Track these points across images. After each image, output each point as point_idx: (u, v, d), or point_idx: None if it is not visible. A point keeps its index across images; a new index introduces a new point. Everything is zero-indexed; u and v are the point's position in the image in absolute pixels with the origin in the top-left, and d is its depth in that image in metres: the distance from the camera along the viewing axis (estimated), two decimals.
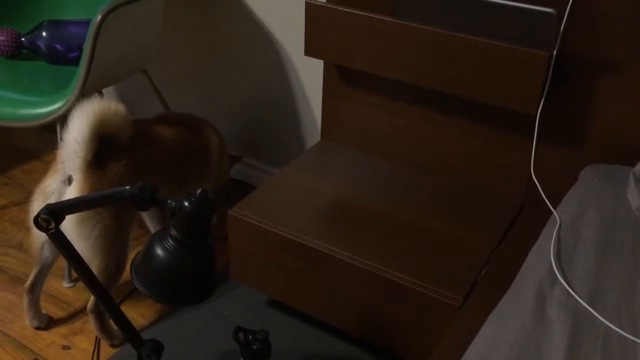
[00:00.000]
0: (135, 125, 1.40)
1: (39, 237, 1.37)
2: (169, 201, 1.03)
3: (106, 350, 1.42)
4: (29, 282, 1.44)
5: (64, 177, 1.31)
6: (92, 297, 1.39)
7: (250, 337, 1.10)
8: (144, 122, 1.53)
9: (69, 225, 1.30)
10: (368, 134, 1.60)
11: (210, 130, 1.67)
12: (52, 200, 1.32)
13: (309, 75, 1.76)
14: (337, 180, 1.51)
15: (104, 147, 1.30)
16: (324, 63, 1.59)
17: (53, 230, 1.08)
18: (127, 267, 1.32)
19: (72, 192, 1.29)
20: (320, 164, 1.59)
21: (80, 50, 1.68)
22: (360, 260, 1.26)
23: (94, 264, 1.36)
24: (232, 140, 2.03)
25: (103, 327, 1.41)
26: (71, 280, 1.61)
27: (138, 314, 1.52)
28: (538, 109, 1.27)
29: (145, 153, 1.41)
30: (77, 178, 1.29)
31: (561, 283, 0.92)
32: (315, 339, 1.47)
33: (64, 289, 1.60)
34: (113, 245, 1.35)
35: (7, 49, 1.68)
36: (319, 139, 1.74)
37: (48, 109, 1.45)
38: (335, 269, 1.29)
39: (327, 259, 1.29)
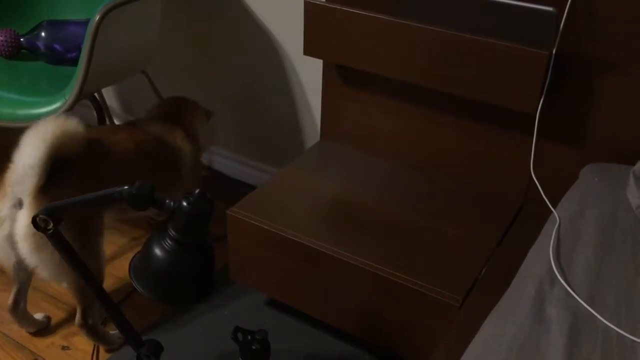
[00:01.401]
0: (92, 137, 1.33)
1: (8, 258, 1.32)
2: (167, 201, 1.03)
3: (109, 350, 1.42)
4: (10, 301, 1.40)
5: (14, 202, 1.25)
6: (78, 312, 1.36)
7: (249, 337, 1.10)
8: (103, 132, 1.45)
9: (29, 254, 1.26)
10: (367, 133, 1.60)
11: (185, 138, 1.58)
12: (5, 228, 1.26)
13: (308, 75, 1.76)
14: (336, 180, 1.51)
15: (57, 166, 1.23)
16: (323, 62, 1.58)
17: (52, 231, 1.08)
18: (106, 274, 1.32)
19: (23, 217, 1.23)
20: (320, 164, 1.59)
21: (79, 50, 1.67)
22: (360, 260, 1.26)
23: (67, 285, 1.34)
24: (231, 140, 2.03)
25: (97, 336, 1.40)
26: None
27: (137, 314, 1.52)
28: (538, 108, 1.27)
29: (101, 167, 1.34)
30: (28, 202, 1.23)
31: (560, 282, 0.92)
32: (314, 338, 1.46)
33: (63, 289, 1.59)
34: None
35: (6, 49, 1.68)
36: (318, 138, 1.73)
37: (47, 109, 1.45)
38: (334, 269, 1.29)
39: (326, 258, 1.29)
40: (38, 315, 1.48)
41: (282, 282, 1.40)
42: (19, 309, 1.42)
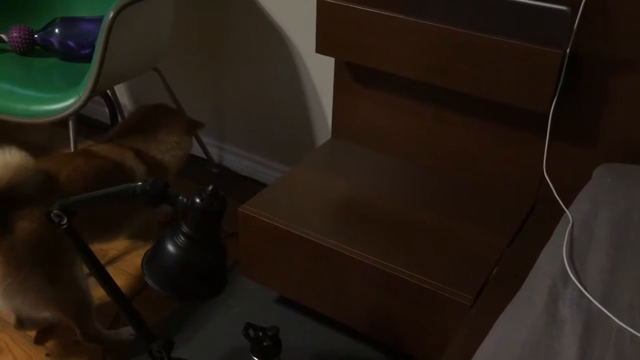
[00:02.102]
0: (43, 169, 1.27)
1: None
2: (180, 197, 1.04)
3: (117, 346, 1.43)
4: (14, 321, 1.40)
5: None
6: (77, 331, 1.35)
7: (261, 333, 1.11)
8: (55, 162, 1.37)
9: (1, 303, 1.22)
10: (379, 131, 1.60)
11: (138, 159, 1.48)
12: None
13: (320, 73, 1.76)
14: (347, 178, 1.51)
15: (8, 205, 1.17)
16: (335, 60, 1.58)
17: (65, 226, 1.08)
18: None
19: None
20: (331, 162, 1.59)
21: (93, 47, 1.68)
22: (371, 258, 1.26)
23: (51, 316, 1.34)
24: (242, 137, 2.03)
25: (106, 341, 1.40)
26: None
27: (148, 310, 1.52)
28: (551, 108, 1.26)
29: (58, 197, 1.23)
30: None
31: (574, 282, 0.92)
32: (324, 336, 1.47)
33: None
34: (55, 298, 1.27)
35: (21, 45, 1.69)
36: (329, 136, 1.74)
37: (61, 105, 1.46)
38: (345, 267, 1.29)
39: (337, 256, 1.29)
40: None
41: (292, 279, 1.40)
42: (24, 326, 1.42)
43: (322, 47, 1.49)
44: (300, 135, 1.89)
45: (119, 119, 2.19)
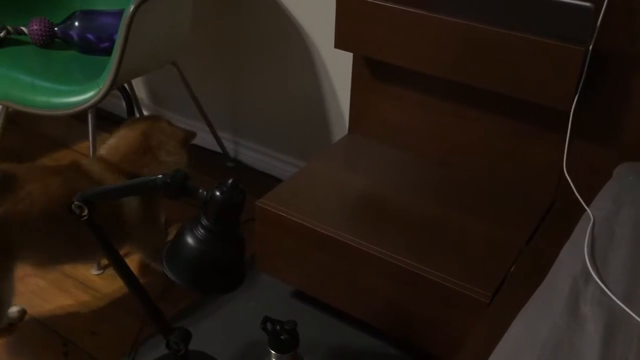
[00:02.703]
0: (13, 171, 1.22)
1: None
2: (200, 190, 1.04)
3: (137, 336, 1.44)
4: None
5: None
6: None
7: (278, 327, 1.11)
8: (29, 170, 1.30)
9: None
10: (396, 127, 1.59)
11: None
12: None
13: (337, 68, 1.76)
14: (364, 173, 1.51)
15: None
16: (353, 56, 1.58)
17: (86, 217, 1.09)
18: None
19: None
20: (348, 157, 1.59)
21: (111, 40, 1.69)
22: (388, 253, 1.26)
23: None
24: (258, 132, 2.04)
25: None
26: (100, 267, 1.63)
27: (166, 302, 1.53)
28: (572, 105, 1.25)
29: (10, 211, 1.21)
30: None
31: (595, 281, 0.91)
32: (340, 331, 1.47)
33: (92, 276, 1.62)
34: None
35: (41, 38, 1.70)
36: (345, 132, 1.73)
37: (81, 97, 1.47)
38: (362, 262, 1.29)
39: (354, 251, 1.29)
40: (12, 309, 1.45)
41: (309, 274, 1.41)
42: (12, 329, 1.42)
43: (341, 42, 1.49)
44: (316, 130, 1.89)
45: (136, 113, 2.20)
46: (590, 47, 1.21)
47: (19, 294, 1.54)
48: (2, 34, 1.66)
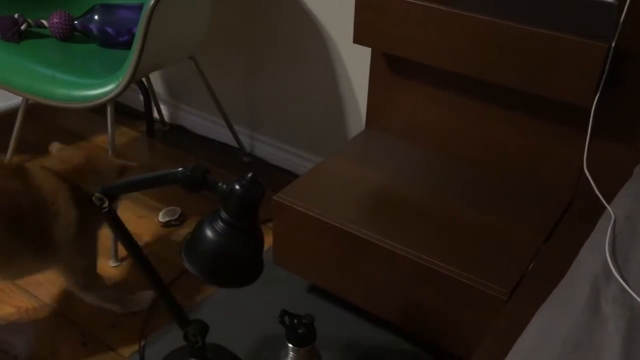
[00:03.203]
0: None
1: None
2: (219, 184, 1.05)
3: (154, 328, 1.46)
4: None
5: None
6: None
7: (296, 321, 1.11)
8: None
9: None
10: (414, 124, 1.59)
11: (72, 199, 1.25)
12: None
13: (355, 63, 1.76)
14: (382, 169, 1.51)
15: None
16: (372, 51, 1.58)
17: (107, 209, 1.10)
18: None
19: None
20: (365, 153, 1.59)
21: (131, 34, 1.70)
22: (405, 249, 1.26)
23: None
24: (274, 127, 2.04)
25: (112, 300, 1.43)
26: (117, 259, 1.64)
27: (182, 295, 1.55)
28: (593, 102, 1.24)
29: None
30: None
31: (617, 279, 0.90)
32: (356, 326, 1.47)
33: (110, 268, 1.63)
34: None
35: (61, 31, 1.71)
36: (362, 128, 1.73)
37: (101, 90, 1.48)
38: (379, 258, 1.29)
39: (371, 247, 1.29)
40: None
41: (325, 269, 1.41)
42: None
43: (360, 37, 1.48)
44: (332, 125, 1.89)
45: (153, 107, 2.22)
46: (613, 43, 1.20)
47: (37, 284, 1.56)
48: (22, 27, 1.68)
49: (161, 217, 1.79)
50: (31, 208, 1.21)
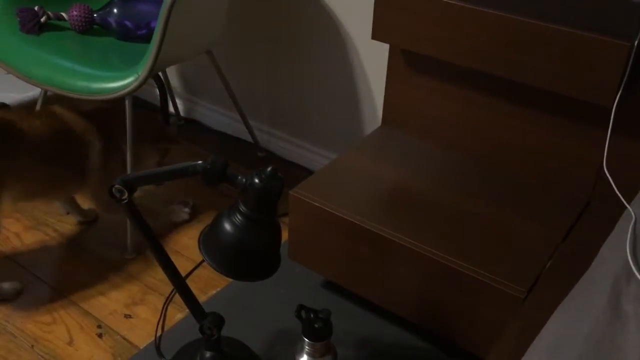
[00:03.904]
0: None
1: None
2: (239, 177, 1.05)
3: (170, 320, 1.46)
4: None
5: None
6: None
7: (312, 315, 1.11)
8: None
9: None
10: (431, 120, 1.58)
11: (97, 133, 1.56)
12: None
13: (372, 59, 1.75)
14: (398, 166, 1.51)
15: None
16: (390, 47, 1.57)
17: (126, 201, 1.11)
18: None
19: None
20: (381, 149, 1.58)
21: (149, 28, 1.71)
22: (421, 246, 1.26)
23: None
24: (290, 123, 2.04)
25: None
26: (133, 251, 1.65)
27: (198, 288, 1.55)
28: (615, 102, 1.23)
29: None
30: None
31: (638, 279, 0.90)
32: (370, 322, 1.47)
33: (126, 259, 1.64)
34: None
35: (80, 24, 1.72)
36: (377, 124, 1.73)
37: (120, 83, 1.48)
38: (394, 254, 1.29)
39: (387, 243, 1.29)
40: (7, 284, 1.52)
41: (340, 264, 1.41)
42: None
43: (378, 33, 1.48)
44: (348, 122, 1.89)
45: (169, 101, 2.22)
46: (636, 42, 1.19)
47: (54, 277, 1.58)
48: (42, 20, 1.69)
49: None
50: (67, 142, 1.51)
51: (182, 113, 2.30)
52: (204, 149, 2.13)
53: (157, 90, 2.19)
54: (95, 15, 1.73)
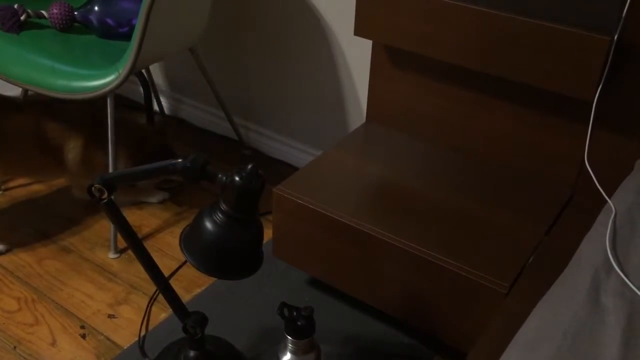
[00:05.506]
0: None
1: None
2: (219, 175, 1.04)
3: (153, 320, 1.46)
4: None
5: None
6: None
7: (295, 313, 1.11)
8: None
9: None
10: (415, 116, 1.58)
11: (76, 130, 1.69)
12: None
13: (356, 56, 1.75)
14: (382, 162, 1.51)
15: None
16: (373, 43, 1.57)
17: (106, 200, 1.10)
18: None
19: None
20: (366, 146, 1.58)
21: (130, 25, 1.70)
22: (405, 242, 1.26)
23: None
24: (274, 119, 2.03)
25: None
26: (117, 251, 1.64)
27: (182, 287, 1.55)
28: (595, 96, 1.24)
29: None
30: None
31: (617, 272, 0.90)
32: (355, 319, 1.47)
33: (109, 259, 1.63)
34: None
35: (60, 22, 1.70)
36: (362, 121, 1.73)
37: (101, 82, 1.47)
38: (378, 250, 1.29)
39: (371, 239, 1.29)
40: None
41: (325, 261, 1.41)
42: None
43: (361, 29, 1.48)
44: (333, 118, 1.89)
45: (153, 99, 2.21)
46: (616, 37, 1.19)
47: (37, 276, 1.56)
48: (22, 18, 1.67)
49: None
50: (51, 135, 1.65)
51: (166, 111, 2.29)
52: (189, 147, 2.12)
53: (141, 89, 2.18)
54: (76, 13, 1.71)
